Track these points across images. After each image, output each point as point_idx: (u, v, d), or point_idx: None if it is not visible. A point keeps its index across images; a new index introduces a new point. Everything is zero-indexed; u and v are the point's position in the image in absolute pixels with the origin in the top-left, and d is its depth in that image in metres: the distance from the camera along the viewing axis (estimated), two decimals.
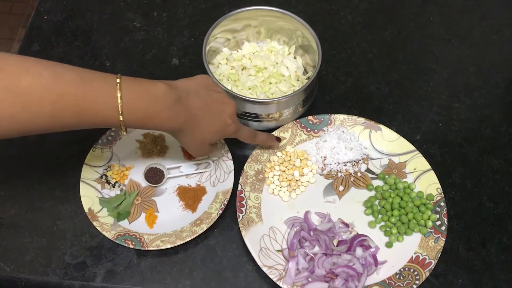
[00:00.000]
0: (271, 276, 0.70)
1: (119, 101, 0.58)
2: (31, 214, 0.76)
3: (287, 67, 0.86)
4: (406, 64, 0.93)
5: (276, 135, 0.81)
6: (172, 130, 0.66)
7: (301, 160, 0.81)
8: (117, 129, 0.61)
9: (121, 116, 0.59)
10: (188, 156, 0.81)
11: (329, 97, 0.89)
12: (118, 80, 0.59)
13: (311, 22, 0.82)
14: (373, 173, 0.81)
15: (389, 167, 0.81)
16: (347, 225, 0.75)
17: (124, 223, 0.75)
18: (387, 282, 0.71)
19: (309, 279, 0.70)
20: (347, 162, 0.81)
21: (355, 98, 0.89)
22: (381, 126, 0.82)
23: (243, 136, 0.73)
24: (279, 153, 0.81)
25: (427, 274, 0.70)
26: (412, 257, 0.73)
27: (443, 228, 0.74)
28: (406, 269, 0.72)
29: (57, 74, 0.56)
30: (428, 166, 0.79)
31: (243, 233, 0.72)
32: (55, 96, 0.55)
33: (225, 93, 0.70)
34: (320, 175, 0.80)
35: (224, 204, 0.75)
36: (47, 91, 0.55)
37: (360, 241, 0.73)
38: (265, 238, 0.74)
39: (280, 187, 0.79)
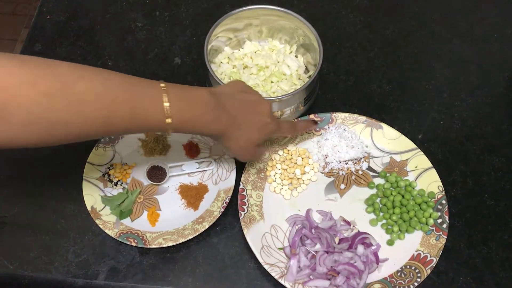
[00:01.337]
0: (272, 274, 0.70)
1: (166, 104, 0.59)
2: (34, 212, 0.77)
3: (289, 66, 0.86)
4: (407, 62, 0.94)
5: (276, 134, 0.81)
6: (216, 133, 0.67)
7: (302, 158, 0.81)
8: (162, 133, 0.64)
9: (168, 119, 0.60)
10: (190, 155, 0.81)
11: (330, 96, 0.89)
12: (162, 85, 0.60)
13: (313, 21, 0.82)
14: (374, 171, 0.81)
15: (391, 165, 0.81)
16: (348, 223, 0.75)
17: (127, 221, 0.75)
18: (389, 279, 0.71)
19: (311, 277, 0.70)
20: (349, 160, 0.81)
21: (356, 97, 0.89)
22: (382, 124, 0.82)
23: (284, 130, 0.75)
24: (280, 152, 0.81)
25: (429, 271, 0.71)
26: (413, 254, 0.73)
27: (444, 226, 0.74)
28: (408, 266, 0.72)
29: (108, 80, 0.57)
30: (430, 164, 0.79)
31: (245, 231, 0.73)
32: (108, 101, 0.56)
33: (259, 94, 0.71)
34: (322, 173, 0.81)
35: (226, 202, 0.75)
36: (100, 96, 0.56)
37: (361, 238, 0.73)
38: (266, 236, 0.74)
39: (282, 185, 0.79)
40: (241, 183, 0.77)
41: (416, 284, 0.70)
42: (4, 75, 0.50)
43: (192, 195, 0.78)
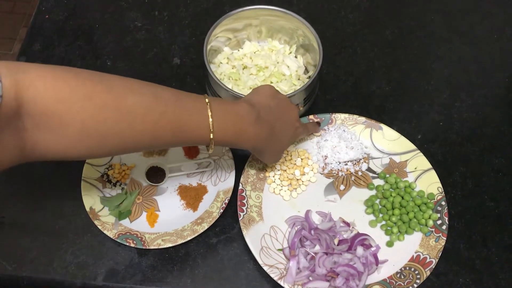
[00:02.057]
0: (272, 275, 0.70)
1: (210, 119, 0.60)
2: (33, 213, 0.77)
3: (288, 66, 0.86)
4: (407, 63, 0.93)
5: None
6: (256, 146, 0.68)
7: (302, 159, 0.81)
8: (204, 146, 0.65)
9: (211, 134, 0.61)
10: (189, 155, 0.81)
11: (330, 96, 0.89)
12: (207, 100, 0.61)
13: (312, 21, 0.82)
14: (374, 172, 0.81)
15: (390, 166, 0.81)
16: (348, 224, 0.75)
17: (125, 222, 0.75)
18: (388, 281, 0.71)
19: (310, 278, 0.70)
20: (348, 161, 0.81)
21: (356, 97, 0.89)
22: (382, 125, 0.82)
23: (303, 134, 0.78)
24: None
25: (428, 273, 0.71)
26: (413, 256, 0.73)
27: (444, 227, 0.74)
28: (407, 268, 0.72)
29: (157, 93, 0.58)
30: (429, 165, 0.79)
31: (244, 232, 0.73)
32: (157, 114, 0.57)
33: (287, 98, 0.71)
34: (321, 174, 0.81)
35: (225, 203, 0.75)
36: (149, 109, 0.56)
37: (361, 240, 0.73)
38: (266, 237, 0.74)
39: (281, 186, 0.79)
40: (240, 184, 0.77)
41: (415, 285, 0.69)
42: (62, 86, 0.51)
43: (191, 196, 0.77)
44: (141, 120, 0.56)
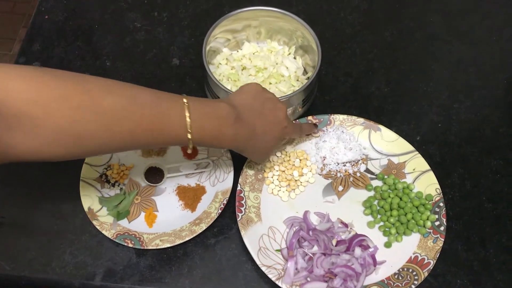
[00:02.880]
0: (270, 276, 0.70)
1: (188, 120, 0.60)
2: (32, 213, 0.77)
3: (287, 68, 0.86)
4: (406, 64, 0.94)
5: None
6: (237, 147, 0.68)
7: (300, 160, 0.81)
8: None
9: (189, 135, 0.61)
10: (188, 156, 0.81)
11: (328, 97, 0.89)
12: (185, 100, 0.61)
13: (311, 23, 0.82)
14: (372, 173, 0.81)
15: (388, 167, 0.81)
16: (346, 225, 0.75)
17: (124, 222, 0.75)
18: (386, 282, 0.71)
19: (308, 279, 0.70)
20: (347, 162, 0.81)
21: (354, 98, 0.89)
22: (381, 126, 0.82)
23: (293, 134, 0.76)
24: (278, 153, 0.81)
25: (426, 274, 0.71)
26: (411, 257, 0.73)
27: (442, 228, 0.74)
28: (405, 269, 0.72)
29: (135, 95, 0.58)
30: (428, 167, 0.79)
31: (242, 233, 0.73)
32: (135, 115, 0.57)
33: (275, 96, 0.71)
34: (320, 175, 0.81)
35: (223, 203, 0.75)
36: (127, 110, 0.57)
37: (359, 241, 0.73)
38: (264, 238, 0.74)
39: (280, 187, 0.79)
40: (238, 184, 0.77)
41: (413, 286, 0.69)
42: (38, 87, 0.51)
43: (190, 196, 0.78)
44: (118, 121, 0.56)
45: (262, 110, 0.68)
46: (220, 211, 0.75)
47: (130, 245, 0.72)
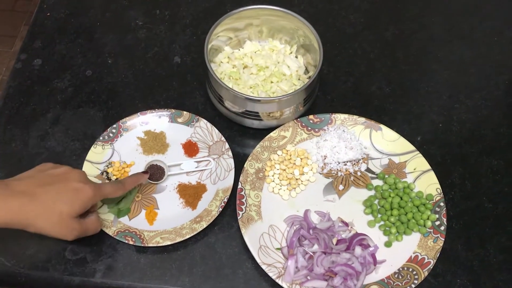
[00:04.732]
0: (270, 274, 0.70)
1: None
2: None
3: (289, 66, 0.86)
4: (407, 64, 0.94)
5: (276, 134, 0.81)
6: (20, 220, 0.63)
7: (301, 159, 0.81)
8: None
9: None
10: (189, 154, 0.81)
11: (330, 97, 0.89)
12: None
13: (313, 22, 0.82)
14: (373, 172, 0.81)
15: (389, 167, 0.81)
16: (346, 224, 0.75)
17: (124, 219, 0.75)
18: (386, 281, 0.71)
19: (308, 277, 0.70)
20: (347, 162, 0.81)
21: (356, 98, 0.89)
22: (382, 126, 0.82)
23: (109, 192, 0.70)
24: (279, 152, 0.81)
25: (426, 273, 0.71)
26: (411, 256, 0.73)
27: (442, 228, 0.74)
28: (405, 268, 0.72)
29: None
30: (428, 166, 0.79)
31: (243, 231, 0.73)
32: None
33: (68, 167, 0.68)
34: (320, 174, 0.81)
35: (224, 202, 0.75)
36: None
37: (359, 240, 0.73)
38: (264, 236, 0.74)
39: (280, 186, 0.79)
40: (239, 183, 0.77)
41: (413, 286, 0.70)
42: None
43: (191, 194, 0.78)
44: None
45: (44, 177, 0.66)
46: (220, 209, 0.75)
47: (131, 243, 0.72)
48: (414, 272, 0.71)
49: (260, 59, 0.86)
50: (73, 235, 0.67)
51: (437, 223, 0.75)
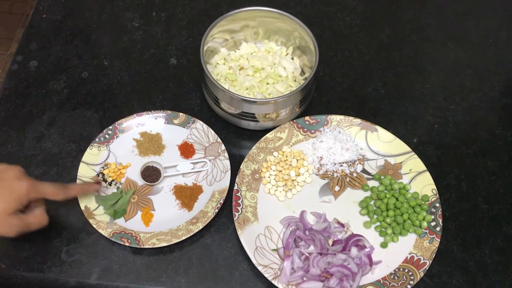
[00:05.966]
0: (266, 275, 0.70)
1: None
2: None
3: (285, 68, 0.86)
4: (403, 66, 0.94)
5: (272, 135, 0.81)
6: None
7: (297, 160, 0.81)
8: None
9: None
10: (185, 155, 0.81)
11: (326, 98, 0.89)
12: None
13: (309, 24, 0.83)
14: (369, 173, 0.81)
15: (385, 168, 0.81)
16: (342, 225, 0.75)
17: (120, 221, 0.75)
18: (382, 282, 0.71)
19: (304, 278, 0.70)
20: (343, 163, 0.81)
21: (351, 99, 0.89)
22: (377, 127, 0.83)
23: (49, 192, 0.68)
24: (275, 153, 0.81)
25: (422, 274, 0.71)
26: (407, 257, 0.73)
27: (438, 229, 0.75)
28: (401, 269, 0.72)
29: None
30: (424, 167, 0.79)
31: (239, 232, 0.73)
32: None
33: (5, 165, 0.67)
34: (316, 175, 0.81)
35: (220, 203, 0.75)
36: None
37: (355, 241, 0.73)
38: (260, 237, 0.74)
39: (276, 187, 0.79)
40: (235, 184, 0.77)
41: (409, 286, 0.70)
42: None
43: (187, 195, 0.78)
44: None
45: None
46: (216, 210, 0.75)
47: (127, 244, 0.72)
48: (410, 273, 0.71)
49: (256, 61, 0.86)
50: (14, 231, 0.66)
51: (433, 224, 0.75)
